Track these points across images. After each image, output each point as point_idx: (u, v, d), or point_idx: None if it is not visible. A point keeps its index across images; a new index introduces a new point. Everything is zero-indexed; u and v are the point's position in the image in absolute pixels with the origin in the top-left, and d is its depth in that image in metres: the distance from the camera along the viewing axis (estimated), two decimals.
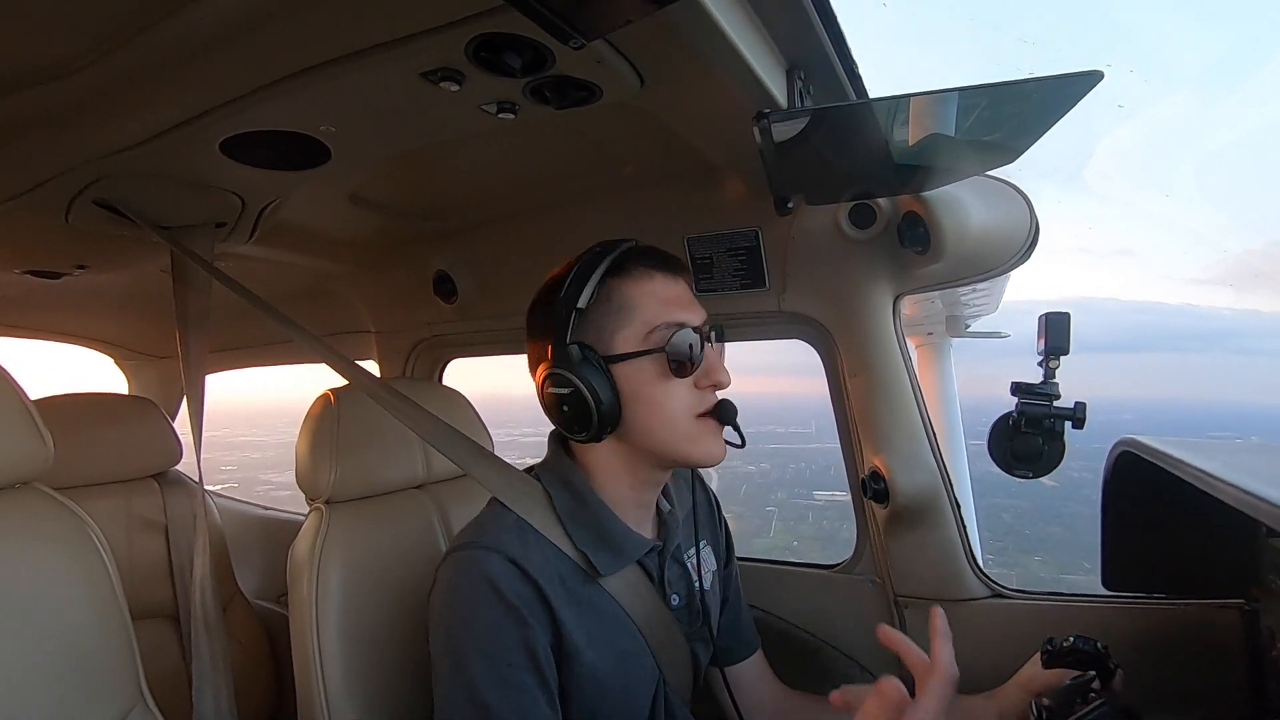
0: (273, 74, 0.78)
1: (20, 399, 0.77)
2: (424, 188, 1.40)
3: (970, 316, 4.50)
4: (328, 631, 1.00)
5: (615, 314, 0.85)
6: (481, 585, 0.79)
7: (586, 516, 0.88)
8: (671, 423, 0.85)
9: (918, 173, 1.00)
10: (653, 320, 0.85)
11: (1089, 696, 0.82)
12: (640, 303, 0.86)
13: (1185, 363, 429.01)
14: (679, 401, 0.85)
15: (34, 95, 0.85)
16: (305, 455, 1.10)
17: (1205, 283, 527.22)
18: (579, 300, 0.84)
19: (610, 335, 0.85)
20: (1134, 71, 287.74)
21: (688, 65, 0.77)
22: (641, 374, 0.84)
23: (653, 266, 0.87)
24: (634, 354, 0.84)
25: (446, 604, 0.82)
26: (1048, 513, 4.41)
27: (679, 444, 0.86)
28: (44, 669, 0.72)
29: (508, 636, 0.78)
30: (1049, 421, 1.00)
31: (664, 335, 0.84)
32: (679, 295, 0.89)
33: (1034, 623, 1.04)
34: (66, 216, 1.16)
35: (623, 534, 0.89)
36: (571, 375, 0.82)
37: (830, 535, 17.33)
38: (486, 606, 0.79)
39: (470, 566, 0.81)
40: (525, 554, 0.82)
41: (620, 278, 0.86)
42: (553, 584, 0.82)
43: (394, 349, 1.87)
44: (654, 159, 1.20)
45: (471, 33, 0.68)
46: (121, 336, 2.45)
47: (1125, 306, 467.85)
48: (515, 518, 0.86)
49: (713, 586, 1.04)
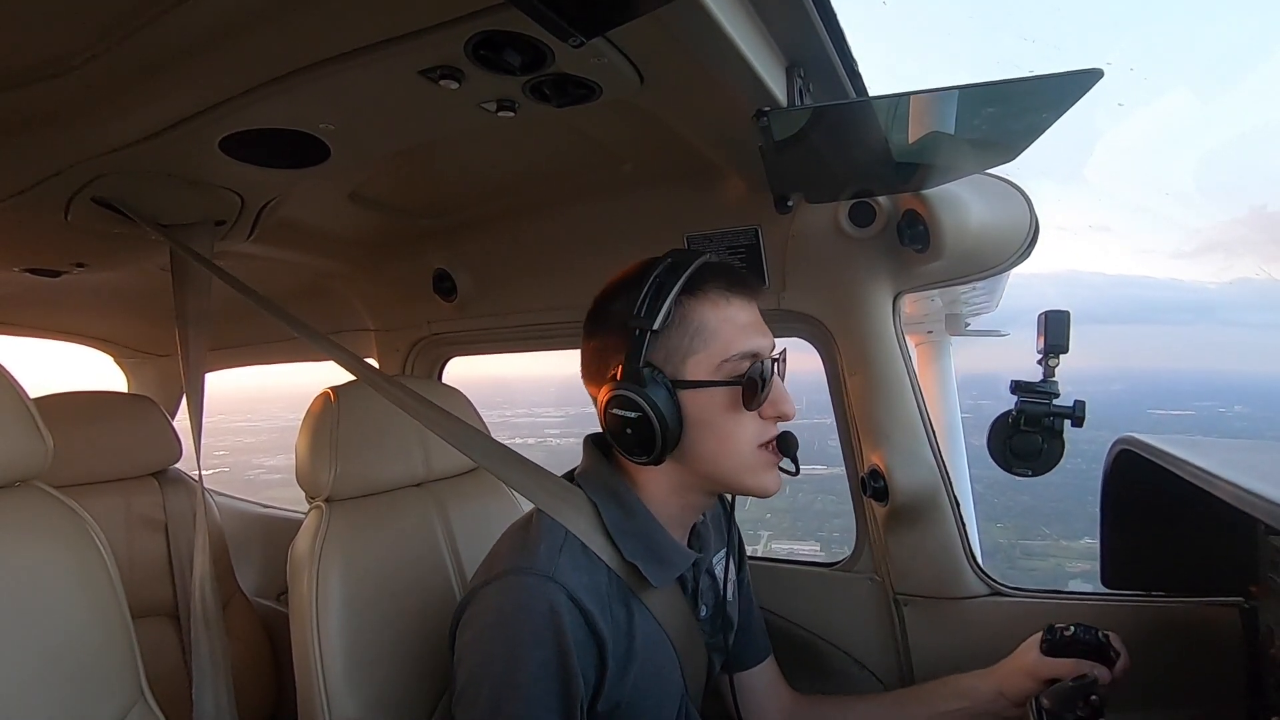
0: (272, 72, 0.78)
1: (19, 397, 0.77)
2: (423, 186, 1.40)
3: (970, 315, 4.49)
4: (328, 629, 1.00)
5: (689, 338, 0.82)
6: (537, 621, 0.75)
7: (635, 528, 0.85)
8: (736, 453, 0.83)
9: (917, 171, 1.00)
10: (728, 349, 0.82)
11: (1090, 699, 0.82)
12: (716, 328, 0.82)
13: (1173, 335, 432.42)
14: (745, 432, 0.83)
15: (33, 93, 0.84)
16: (305, 453, 1.10)
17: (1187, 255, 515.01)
18: (654, 321, 0.80)
19: (681, 359, 0.82)
20: (1133, 69, 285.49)
21: (687, 63, 0.77)
22: (711, 403, 0.82)
23: (729, 289, 0.84)
24: (707, 383, 0.82)
25: (497, 629, 0.77)
26: (1019, 483, 4.54)
27: (739, 474, 0.84)
28: (44, 667, 0.72)
29: (550, 679, 0.74)
30: (1048, 420, 1.00)
31: (738, 365, 0.82)
32: (753, 321, 0.85)
33: (1033, 620, 1.04)
34: (66, 214, 1.16)
35: (671, 547, 0.87)
36: (641, 400, 0.79)
37: (804, 507, 17.57)
38: (535, 643, 0.75)
39: (523, 596, 0.77)
40: (581, 582, 0.78)
41: (696, 298, 0.82)
42: (605, 614, 0.79)
43: (393, 347, 1.87)
44: (654, 157, 1.20)
45: (471, 31, 0.68)
46: (121, 335, 2.44)
47: (1111, 280, 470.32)
48: (565, 534, 0.82)
49: (734, 596, 1.03)
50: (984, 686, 0.98)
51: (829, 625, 1.33)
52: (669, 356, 0.82)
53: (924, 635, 1.25)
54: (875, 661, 1.29)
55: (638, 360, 0.80)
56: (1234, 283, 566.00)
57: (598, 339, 0.87)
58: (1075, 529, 14.47)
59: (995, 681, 0.97)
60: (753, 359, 0.82)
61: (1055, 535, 14.30)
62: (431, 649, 1.06)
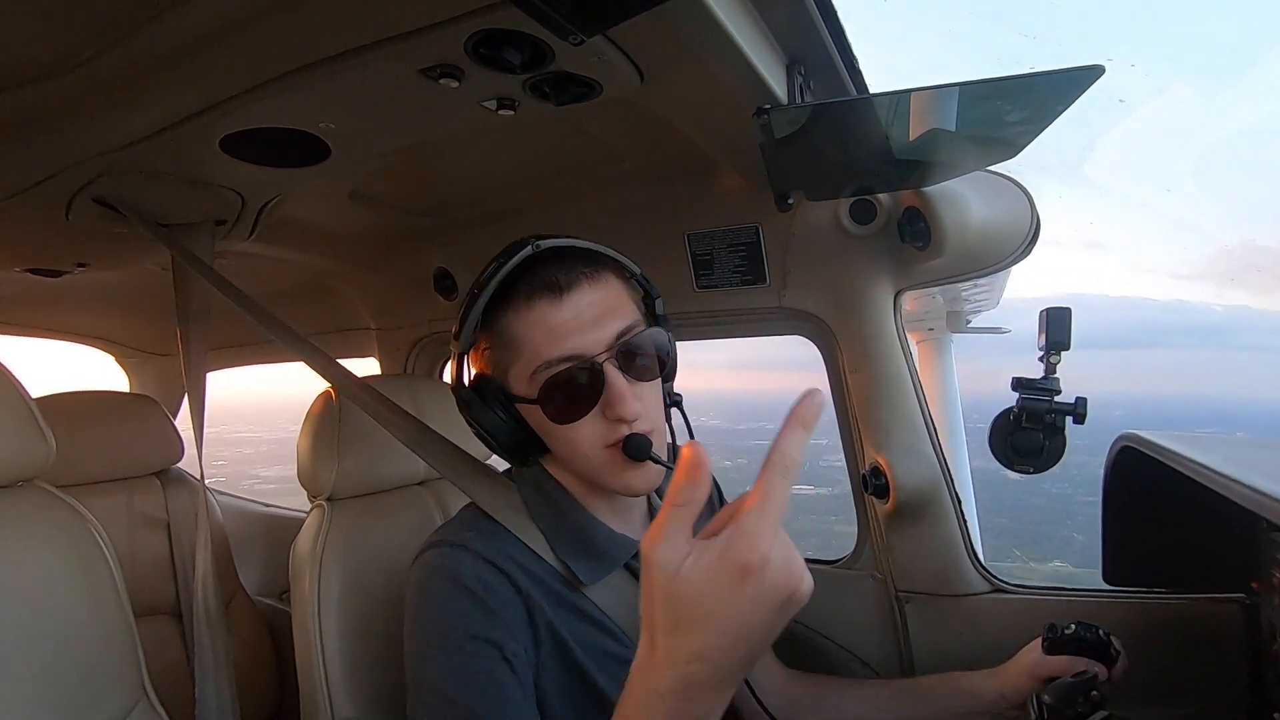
0: (272, 71, 0.78)
1: (22, 397, 0.77)
2: (424, 184, 1.40)
3: (971, 312, 4.48)
4: (329, 628, 1.01)
5: (504, 349, 0.79)
6: (445, 580, 0.76)
7: (565, 525, 0.84)
8: (584, 457, 0.79)
9: (918, 168, 1.00)
10: (536, 357, 0.77)
11: (1091, 695, 0.82)
12: (524, 336, 0.78)
13: (1176, 359, 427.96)
14: (584, 436, 0.78)
15: (34, 92, 0.84)
16: (307, 452, 1.10)
17: (1187, 278, 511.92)
18: (464, 344, 0.81)
19: (504, 372, 0.81)
20: (1135, 66, 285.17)
21: (687, 61, 0.77)
22: (536, 415, 0.79)
23: (531, 293, 0.77)
24: (521, 399, 0.80)
25: (412, 603, 0.78)
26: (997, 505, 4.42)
27: (597, 476, 0.81)
28: (47, 665, 0.72)
29: (472, 626, 0.74)
30: (1050, 416, 1.00)
31: (544, 376, 0.77)
32: (568, 320, 0.77)
33: (1034, 617, 1.04)
34: (67, 214, 1.16)
35: (605, 538, 0.85)
36: (472, 420, 0.81)
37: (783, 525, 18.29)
38: (450, 600, 0.75)
39: (437, 563, 0.78)
40: (497, 549, 0.78)
41: (504, 306, 0.78)
42: (531, 581, 0.78)
43: (394, 346, 1.87)
44: (654, 155, 1.19)
45: (471, 29, 0.68)
46: (122, 334, 2.45)
47: (1113, 302, 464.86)
48: (490, 522, 0.83)
49: None
50: (988, 687, 0.98)
51: (831, 622, 1.33)
52: (496, 367, 0.81)
53: (926, 632, 1.25)
54: (877, 658, 1.29)
55: (461, 380, 0.82)
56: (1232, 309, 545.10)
57: None
58: (1046, 552, 14.58)
59: (999, 684, 0.97)
60: (565, 365, 0.76)
61: (1025, 557, 14.38)
62: None
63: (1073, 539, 19.08)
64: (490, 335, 0.80)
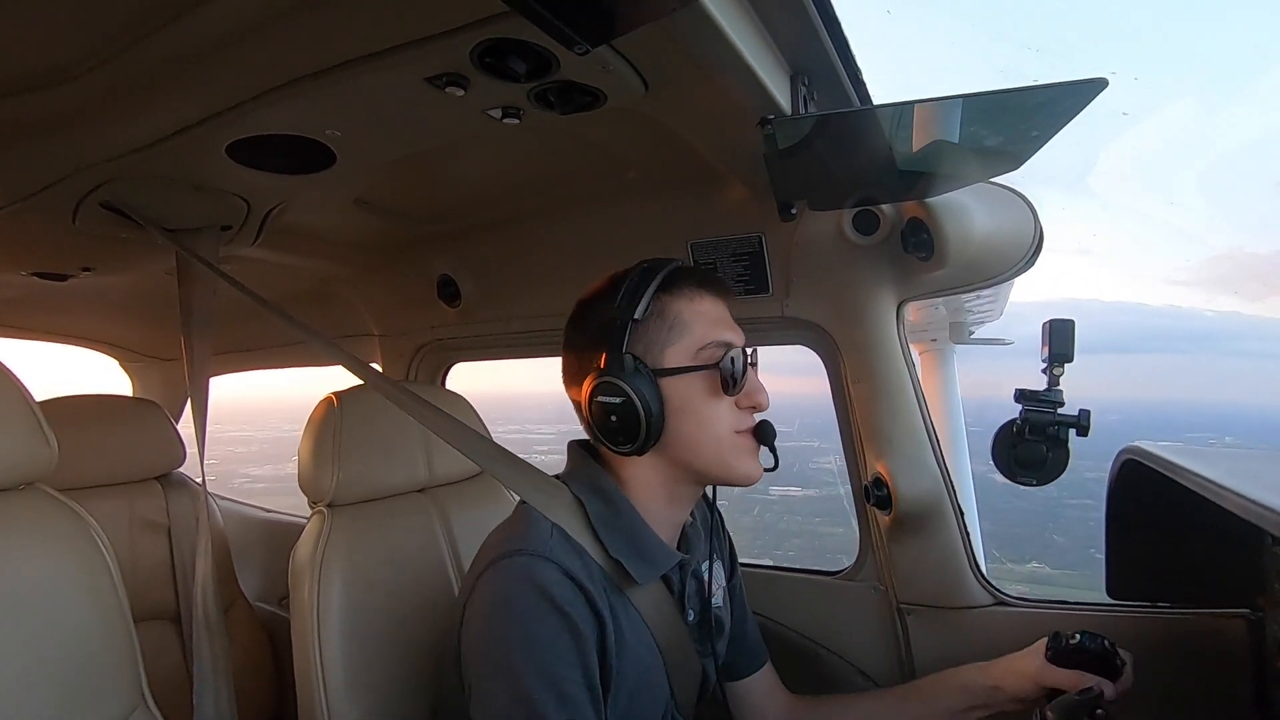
0: (279, 78, 0.79)
1: (25, 400, 0.77)
2: (428, 192, 1.40)
3: (974, 323, 4.49)
4: (329, 635, 1.00)
5: (667, 330, 0.87)
6: (534, 594, 0.77)
7: (620, 524, 0.87)
8: (715, 438, 0.86)
9: (922, 179, 1.00)
10: (703, 338, 0.86)
11: (1096, 713, 0.81)
12: (691, 320, 0.87)
13: (1170, 364, 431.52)
14: (723, 418, 0.86)
15: (42, 98, 0.85)
16: (308, 459, 1.10)
17: (1180, 284, 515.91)
18: (635, 312, 0.84)
19: (660, 350, 0.86)
20: (1138, 79, 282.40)
21: (692, 71, 0.77)
22: (690, 389, 0.85)
23: (702, 286, 0.89)
24: (685, 369, 0.86)
25: (497, 614, 0.78)
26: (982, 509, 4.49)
27: (720, 458, 0.87)
28: (46, 670, 0.72)
29: (565, 650, 0.76)
30: (1053, 428, 0.99)
31: (714, 354, 0.86)
32: (724, 316, 0.91)
33: (1037, 630, 1.04)
34: (73, 219, 1.16)
35: (655, 545, 0.88)
36: (625, 385, 0.82)
37: (768, 526, 18.59)
38: (542, 617, 0.76)
39: (521, 575, 0.78)
40: (574, 564, 0.80)
41: (671, 294, 0.87)
42: (597, 589, 0.81)
43: (397, 353, 1.87)
44: (658, 164, 1.20)
45: (477, 38, 0.68)
46: (126, 339, 2.45)
47: (1108, 307, 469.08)
48: (552, 525, 0.84)
49: (723, 602, 1.03)
50: (980, 680, 0.98)
51: (832, 634, 1.33)
52: (648, 348, 0.86)
53: (927, 644, 1.24)
54: (878, 671, 1.28)
55: (620, 349, 0.84)
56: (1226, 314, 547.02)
57: (581, 343, 0.90)
58: (1024, 554, 14.73)
59: (993, 677, 0.97)
60: (726, 348, 0.86)
61: (1003, 558, 14.48)
62: (432, 655, 1.06)
63: (1053, 541, 19.32)
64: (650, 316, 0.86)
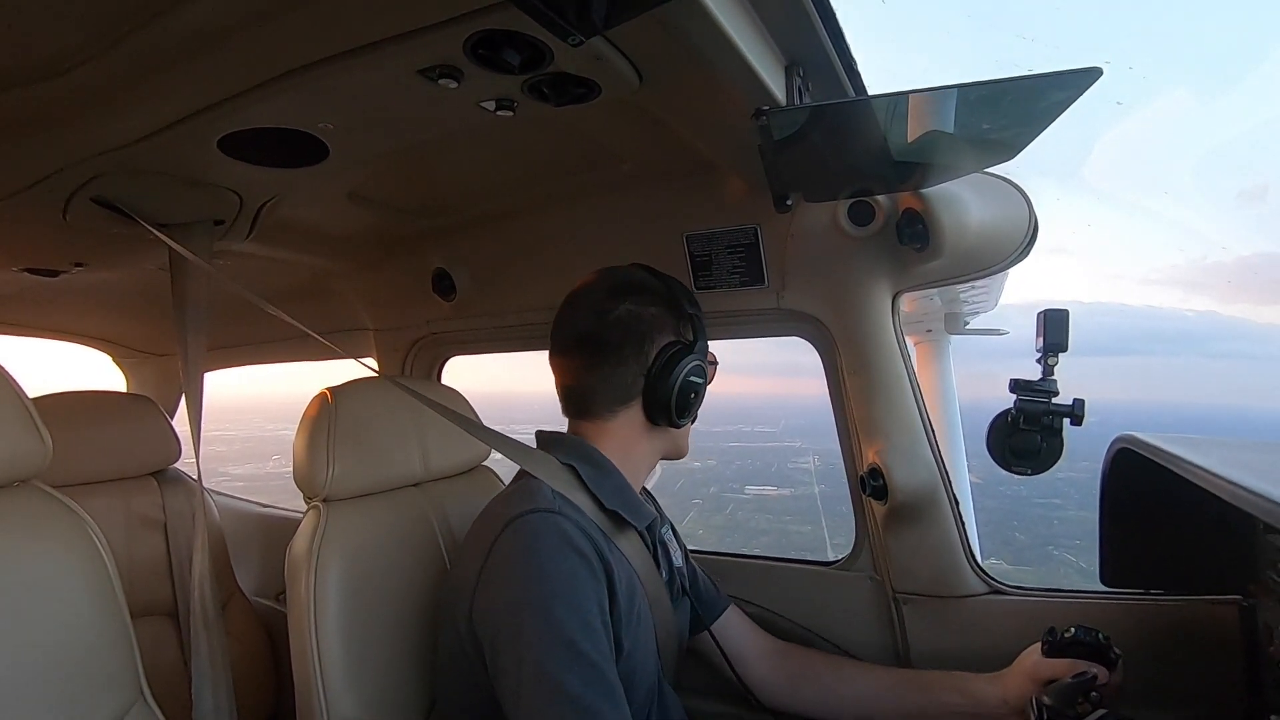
0: (271, 71, 0.78)
1: (18, 397, 0.77)
2: (422, 185, 1.40)
3: (969, 314, 4.50)
4: (326, 629, 1.00)
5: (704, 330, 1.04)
6: (558, 540, 0.84)
7: (609, 483, 0.96)
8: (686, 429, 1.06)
9: (917, 170, 1.00)
10: None
11: (1090, 695, 0.82)
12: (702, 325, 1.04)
13: (1151, 365, 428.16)
14: None
15: (31, 92, 0.84)
16: (302, 453, 1.10)
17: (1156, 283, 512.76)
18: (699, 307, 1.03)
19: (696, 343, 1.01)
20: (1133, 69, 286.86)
21: (686, 62, 0.77)
22: None
23: None
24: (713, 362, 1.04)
25: (524, 560, 0.84)
26: None
27: (687, 438, 1.08)
28: (44, 667, 0.72)
29: (586, 587, 0.83)
30: (1047, 418, 1.00)
31: None
32: None
33: (1032, 619, 1.05)
34: (64, 214, 1.15)
35: (637, 501, 0.99)
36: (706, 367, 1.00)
37: (739, 524, 19.29)
38: (565, 557, 0.83)
39: (543, 525, 0.86)
40: (578, 516, 0.89)
41: None
42: (600, 542, 0.88)
43: (392, 347, 1.87)
44: (653, 156, 1.19)
45: (470, 30, 0.68)
46: (120, 334, 2.44)
47: (1088, 308, 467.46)
48: (550, 489, 0.91)
49: (683, 563, 1.13)
50: (990, 691, 0.99)
51: (828, 624, 1.33)
52: (698, 339, 1.02)
53: (923, 633, 1.25)
54: (874, 659, 1.29)
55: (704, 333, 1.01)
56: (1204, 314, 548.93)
57: (629, 326, 0.98)
58: (986, 550, 15.29)
59: (1001, 689, 0.98)
60: None
61: None
62: (429, 647, 1.06)
63: (1014, 538, 19.94)
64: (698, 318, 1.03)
